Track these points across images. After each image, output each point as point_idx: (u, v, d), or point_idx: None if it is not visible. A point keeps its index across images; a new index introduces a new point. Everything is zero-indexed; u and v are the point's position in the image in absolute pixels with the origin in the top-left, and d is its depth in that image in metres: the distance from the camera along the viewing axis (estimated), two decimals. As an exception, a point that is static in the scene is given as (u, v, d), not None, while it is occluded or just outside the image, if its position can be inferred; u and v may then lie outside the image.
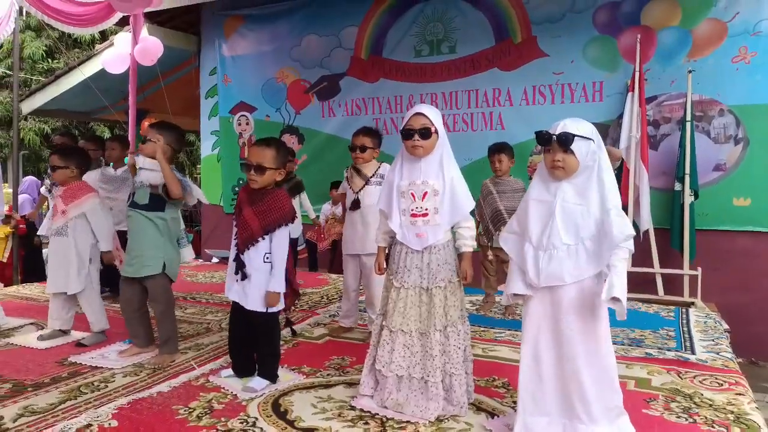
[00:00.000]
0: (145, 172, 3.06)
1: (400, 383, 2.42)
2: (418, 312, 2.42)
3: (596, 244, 2.04)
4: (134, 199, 3.08)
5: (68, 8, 5.74)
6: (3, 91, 12.43)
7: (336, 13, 6.74)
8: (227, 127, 7.55)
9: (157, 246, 3.06)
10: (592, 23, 5.53)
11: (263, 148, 2.68)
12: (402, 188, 2.48)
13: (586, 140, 2.05)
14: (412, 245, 2.45)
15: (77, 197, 3.41)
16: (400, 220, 2.49)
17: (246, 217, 2.68)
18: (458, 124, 6.15)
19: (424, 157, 2.46)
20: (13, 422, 2.31)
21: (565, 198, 2.08)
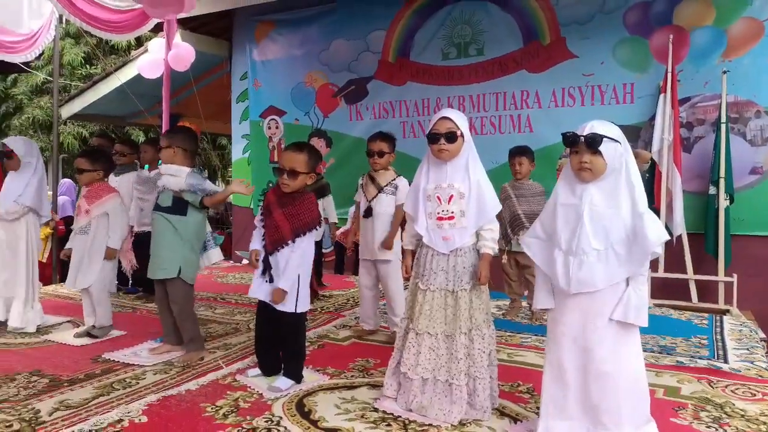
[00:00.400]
0: (166, 177, 3.15)
1: (425, 386, 2.43)
2: (444, 315, 2.43)
3: (627, 249, 2.01)
4: (158, 201, 3.18)
5: (105, 15, 5.92)
6: (44, 97, 12.88)
7: (364, 17, 6.80)
8: (257, 131, 7.67)
9: (173, 249, 3.13)
10: (623, 24, 5.44)
11: (296, 153, 2.73)
12: (428, 191, 2.49)
13: (613, 142, 2.02)
14: (439, 248, 2.46)
15: (100, 197, 3.55)
16: (426, 223, 2.49)
17: (276, 219, 2.73)
18: (486, 127, 6.13)
19: (450, 161, 2.47)
20: (49, 416, 2.40)
21: (593, 201, 2.05)
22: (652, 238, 1.96)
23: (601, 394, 2.06)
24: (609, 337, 2.05)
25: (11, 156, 3.85)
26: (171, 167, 3.15)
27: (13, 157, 3.85)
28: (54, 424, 2.32)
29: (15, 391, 2.67)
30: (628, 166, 2.05)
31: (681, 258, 5.01)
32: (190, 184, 3.09)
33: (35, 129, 12.73)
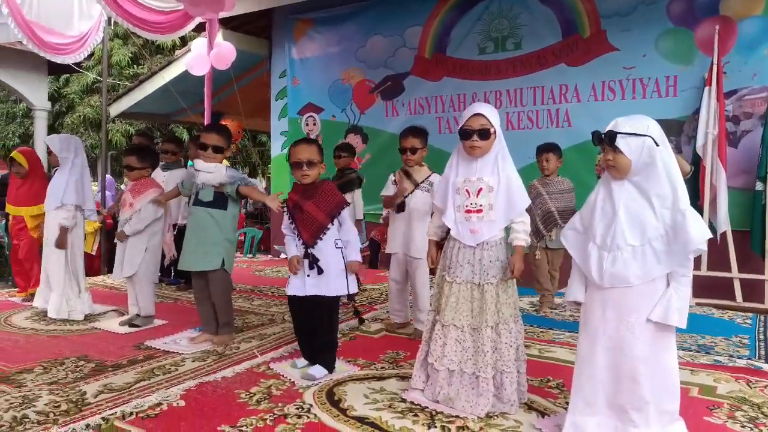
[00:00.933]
0: (203, 174, 3.27)
1: (452, 377, 2.45)
2: (470, 307, 2.44)
3: (666, 245, 1.98)
4: (198, 197, 3.29)
5: (150, 17, 6.12)
6: (94, 96, 13.41)
7: (401, 14, 6.81)
8: (296, 128, 7.80)
9: (217, 242, 3.27)
10: (666, 15, 5.29)
11: (309, 145, 2.91)
12: (457, 184, 2.51)
13: (637, 137, 1.99)
14: (466, 241, 2.47)
15: (143, 191, 3.71)
16: (454, 215, 2.51)
17: (309, 211, 2.82)
18: (523, 122, 6.06)
19: (482, 157, 2.48)
20: (94, 398, 2.54)
21: (629, 197, 2.03)
22: (695, 236, 1.92)
23: (631, 393, 2.04)
24: (643, 335, 2.02)
25: (50, 153, 4.08)
26: (208, 165, 3.26)
27: (52, 154, 4.05)
28: (99, 406, 2.45)
29: (64, 374, 2.83)
30: (666, 161, 2.01)
31: (725, 256, 4.84)
32: (231, 175, 3.26)
33: (86, 127, 13.27)
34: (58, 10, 6.12)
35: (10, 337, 3.50)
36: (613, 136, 2.01)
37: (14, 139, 14.64)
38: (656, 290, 2.02)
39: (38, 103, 11.15)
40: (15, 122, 15.03)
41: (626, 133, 2.00)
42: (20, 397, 2.53)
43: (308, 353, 2.97)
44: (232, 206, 3.34)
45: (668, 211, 1.98)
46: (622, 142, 1.99)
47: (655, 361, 2.03)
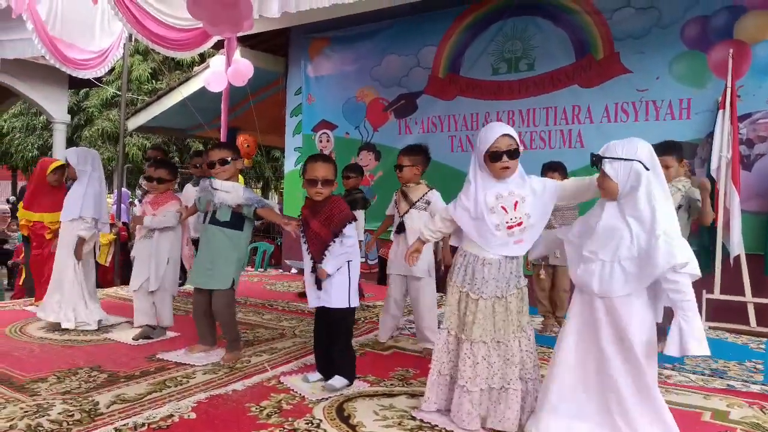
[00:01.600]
0: (221, 193, 3.28)
1: (481, 397, 2.43)
2: (493, 321, 2.43)
3: (637, 267, 2.05)
4: (216, 216, 3.30)
5: (170, 34, 6.25)
6: (113, 110, 13.67)
7: (415, 34, 6.91)
8: (309, 144, 7.88)
9: (230, 263, 3.29)
10: (680, 38, 5.32)
11: (326, 164, 2.91)
12: (490, 204, 2.44)
13: (624, 162, 2.06)
14: (514, 253, 2.44)
15: (165, 203, 3.77)
16: (496, 236, 2.43)
17: (314, 228, 2.89)
18: (535, 142, 6.09)
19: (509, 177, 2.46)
20: (106, 408, 2.57)
21: (610, 216, 2.14)
22: (659, 262, 1.98)
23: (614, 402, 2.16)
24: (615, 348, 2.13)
25: (68, 166, 4.17)
26: (225, 184, 3.29)
27: (69, 167, 4.14)
28: (111, 416, 2.48)
29: (77, 384, 2.86)
30: (650, 186, 2.08)
31: (739, 280, 4.80)
32: (248, 198, 3.28)
33: (104, 140, 13.49)
34: (80, 26, 6.27)
35: (25, 346, 3.55)
36: (597, 160, 2.10)
37: (33, 151, 14.92)
38: (637, 309, 2.10)
39: (58, 116, 11.38)
40: (34, 134, 15.32)
41: (612, 158, 2.09)
42: (34, 405, 2.57)
43: (323, 367, 2.99)
44: (248, 227, 3.37)
45: (644, 233, 2.05)
46: (609, 166, 2.09)
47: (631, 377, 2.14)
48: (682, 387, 3.05)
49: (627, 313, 2.11)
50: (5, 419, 2.40)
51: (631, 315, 2.11)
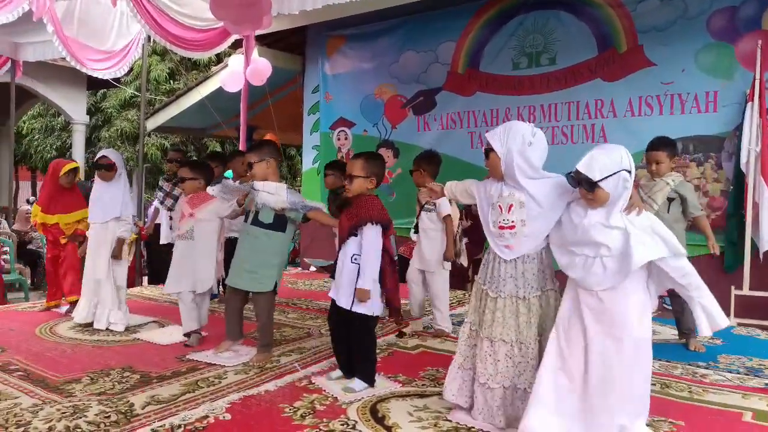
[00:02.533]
0: (263, 194, 3.22)
1: (505, 394, 2.41)
2: (516, 322, 2.41)
3: (617, 264, 2.14)
4: (258, 218, 3.28)
5: (188, 35, 6.28)
6: (131, 110, 13.75)
7: (434, 30, 6.86)
8: (327, 142, 7.87)
9: (272, 265, 3.29)
10: (706, 29, 5.22)
11: (354, 159, 2.94)
12: (492, 200, 2.50)
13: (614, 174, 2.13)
14: (503, 255, 2.44)
15: (204, 201, 3.72)
16: (490, 230, 2.49)
17: (341, 221, 2.96)
18: (557, 137, 6.02)
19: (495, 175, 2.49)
20: (142, 409, 2.58)
21: (592, 215, 2.21)
22: (636, 260, 2.09)
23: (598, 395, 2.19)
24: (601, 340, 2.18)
25: (112, 168, 4.09)
26: (269, 185, 3.24)
27: (112, 169, 4.10)
28: (147, 417, 2.49)
29: (110, 385, 2.88)
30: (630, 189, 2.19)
31: (769, 275, 4.72)
32: (293, 201, 3.22)
33: (122, 140, 13.59)
34: (99, 27, 6.32)
35: (56, 347, 3.59)
36: (592, 183, 2.15)
37: (52, 152, 15.06)
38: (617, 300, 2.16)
39: (77, 116, 11.51)
40: (53, 135, 15.47)
41: (607, 177, 2.13)
42: (71, 406, 2.59)
43: (343, 364, 2.99)
44: (291, 229, 3.35)
45: (623, 232, 2.14)
46: (604, 183, 2.14)
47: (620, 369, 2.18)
48: (719, 386, 3.00)
49: (613, 306, 2.17)
50: (44, 420, 2.42)
51: (618, 308, 2.17)
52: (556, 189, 2.36)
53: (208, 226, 3.69)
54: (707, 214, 5.23)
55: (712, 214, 5.21)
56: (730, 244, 5.05)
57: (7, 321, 4.27)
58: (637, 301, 2.17)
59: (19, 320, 4.31)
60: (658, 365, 3.33)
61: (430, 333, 4.06)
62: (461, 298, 5.42)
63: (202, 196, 3.76)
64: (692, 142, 5.30)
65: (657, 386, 2.97)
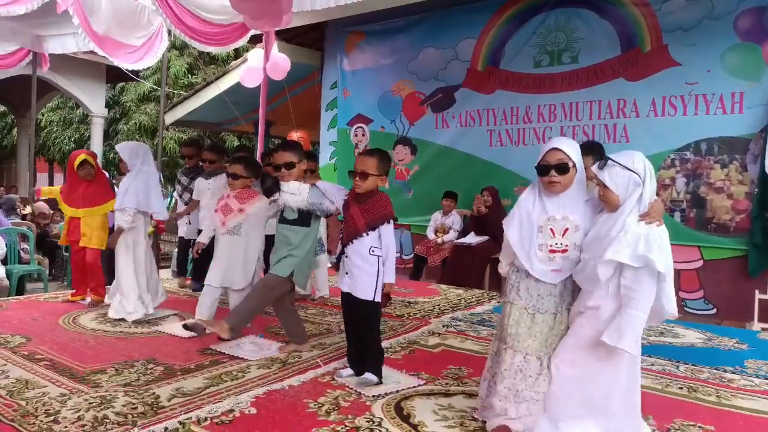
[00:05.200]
0: (286, 195, 3.27)
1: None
2: (548, 335, 2.35)
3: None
4: (284, 215, 3.33)
5: (208, 29, 6.29)
6: (149, 104, 13.86)
7: (454, 26, 6.83)
8: (345, 138, 7.87)
9: (293, 256, 3.29)
10: (733, 29, 5.15)
11: (367, 157, 2.94)
12: (540, 222, 2.37)
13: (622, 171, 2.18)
14: (547, 279, 2.36)
15: (253, 197, 3.73)
16: (537, 254, 2.36)
17: (353, 214, 2.94)
18: (578, 136, 5.96)
19: (563, 193, 2.37)
20: (168, 401, 2.59)
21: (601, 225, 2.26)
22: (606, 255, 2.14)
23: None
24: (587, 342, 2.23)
25: (121, 161, 4.24)
26: (291, 185, 3.26)
27: (122, 162, 4.22)
28: (173, 409, 2.50)
29: (135, 377, 2.90)
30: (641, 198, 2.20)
31: (794, 280, 4.65)
32: (312, 203, 3.23)
33: (141, 134, 13.70)
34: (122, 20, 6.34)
35: (80, 338, 3.62)
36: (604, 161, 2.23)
37: (70, 144, 15.22)
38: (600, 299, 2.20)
39: (96, 109, 11.61)
40: (71, 128, 15.63)
41: (616, 162, 2.19)
42: (98, 397, 2.60)
43: (355, 360, 2.99)
44: (315, 223, 3.37)
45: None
46: (607, 177, 2.21)
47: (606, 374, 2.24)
48: (748, 392, 2.96)
49: (594, 306, 2.21)
50: (72, 410, 2.44)
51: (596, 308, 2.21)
52: (592, 208, 2.36)
53: (256, 223, 3.72)
54: (731, 216, 5.19)
55: (736, 216, 5.15)
56: (754, 248, 4.98)
57: (31, 311, 4.32)
58: (618, 305, 2.17)
59: (42, 310, 4.35)
60: (684, 369, 3.30)
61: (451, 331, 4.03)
62: (480, 297, 5.39)
63: (250, 192, 3.77)
64: (717, 144, 5.24)
65: (684, 390, 2.95)
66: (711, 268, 5.22)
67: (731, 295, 5.04)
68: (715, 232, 5.24)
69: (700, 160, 5.33)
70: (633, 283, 2.12)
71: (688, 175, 5.37)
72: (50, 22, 6.42)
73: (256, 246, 3.73)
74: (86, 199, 4.50)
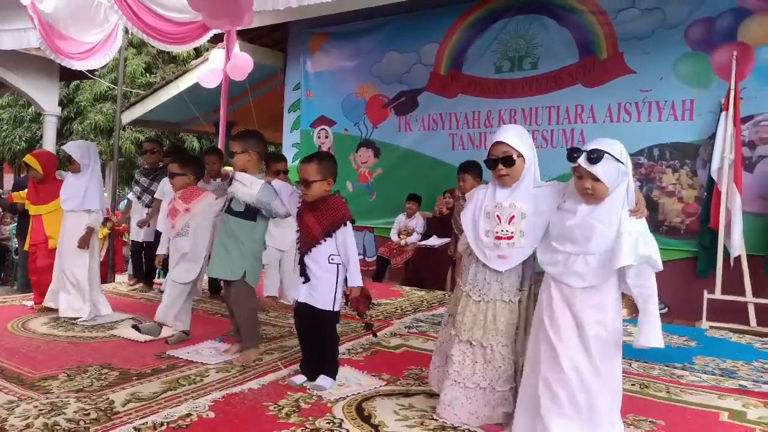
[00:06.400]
0: (236, 184, 3.17)
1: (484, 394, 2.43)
2: (495, 325, 2.42)
3: (599, 263, 2.14)
4: (230, 205, 3.26)
5: (167, 27, 6.15)
6: (105, 103, 13.47)
7: (417, 30, 6.89)
8: (308, 140, 7.83)
9: (243, 254, 3.22)
10: (684, 39, 5.36)
11: (306, 164, 2.87)
12: (488, 209, 2.44)
13: (614, 163, 2.11)
14: (494, 266, 2.42)
15: (197, 195, 3.62)
16: (483, 240, 2.44)
17: (307, 222, 2.89)
18: (537, 141, 6.09)
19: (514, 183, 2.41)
20: (122, 406, 2.52)
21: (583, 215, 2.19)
22: (620, 259, 2.09)
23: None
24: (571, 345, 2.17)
25: (72, 161, 4.12)
26: (245, 177, 3.17)
27: (73, 162, 4.11)
28: (128, 415, 2.43)
29: (89, 382, 2.81)
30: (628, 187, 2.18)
31: (739, 280, 4.85)
32: (260, 200, 3.13)
33: (96, 134, 13.30)
34: (77, 17, 6.15)
35: (30, 343, 3.48)
36: (597, 156, 2.10)
37: (21, 144, 14.66)
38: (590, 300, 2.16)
39: (48, 108, 11.16)
40: (22, 126, 15.06)
41: (611, 156, 2.10)
42: (48, 403, 2.51)
43: (310, 367, 2.94)
44: (261, 220, 3.28)
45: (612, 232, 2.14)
46: (601, 169, 2.09)
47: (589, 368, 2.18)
48: (696, 387, 3.08)
49: (587, 306, 2.17)
50: (21, 418, 2.35)
51: (590, 308, 2.16)
52: (552, 196, 2.35)
53: (203, 221, 3.61)
54: (681, 219, 5.39)
55: (686, 219, 5.36)
56: (702, 249, 5.19)
57: (-23, 316, 4.14)
58: (612, 300, 2.18)
59: (-11, 315, 4.17)
60: (636, 366, 3.40)
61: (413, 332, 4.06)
62: (441, 298, 5.44)
63: (194, 190, 3.68)
64: (668, 149, 5.44)
65: (636, 386, 3.04)
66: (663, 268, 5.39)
67: (682, 295, 5.23)
68: (666, 234, 5.42)
69: (653, 164, 5.52)
70: (643, 280, 2.13)
71: (641, 179, 5.55)
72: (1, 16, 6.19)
73: (203, 243, 3.58)
74: (44, 195, 4.39)
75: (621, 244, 2.10)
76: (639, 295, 2.13)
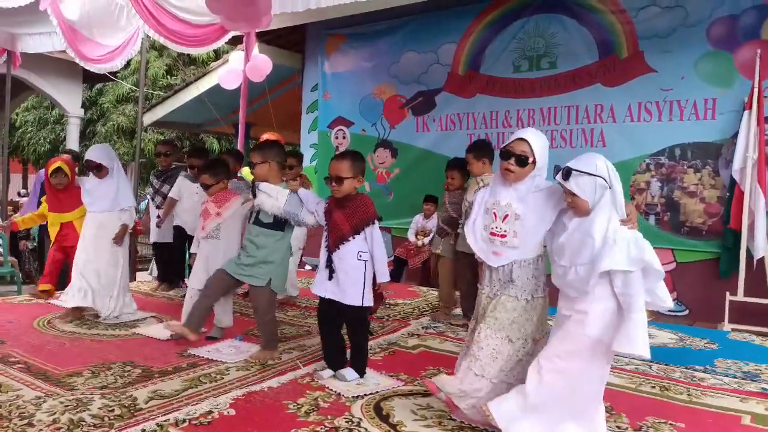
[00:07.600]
0: (262, 196, 3.20)
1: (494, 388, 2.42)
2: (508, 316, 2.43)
3: (586, 272, 2.19)
4: (258, 217, 3.29)
5: (185, 30, 6.23)
6: (128, 105, 13.69)
7: (435, 31, 6.88)
8: (325, 141, 7.87)
9: (269, 263, 3.26)
10: (706, 37, 5.27)
11: (339, 161, 2.94)
12: (487, 204, 2.49)
13: (587, 177, 2.18)
14: (490, 262, 2.46)
15: (229, 200, 3.70)
16: (481, 234, 2.50)
17: (336, 219, 2.93)
18: (556, 141, 6.06)
19: (515, 183, 2.43)
20: (145, 403, 2.57)
21: (574, 229, 2.26)
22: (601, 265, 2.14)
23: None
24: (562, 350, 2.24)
25: (100, 168, 4.14)
26: (270, 187, 3.20)
27: (102, 169, 4.15)
28: (150, 412, 2.48)
29: (113, 379, 2.87)
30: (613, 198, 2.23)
31: (763, 282, 4.77)
32: (287, 212, 3.16)
33: (118, 135, 13.53)
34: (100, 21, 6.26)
35: (55, 340, 3.56)
36: (568, 172, 2.21)
37: (45, 145, 14.97)
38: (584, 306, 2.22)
39: (72, 110, 11.41)
40: (46, 128, 15.36)
41: (580, 171, 2.18)
42: (74, 400, 2.57)
43: (335, 362, 3.00)
44: (290, 229, 3.33)
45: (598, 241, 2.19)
46: (573, 184, 2.19)
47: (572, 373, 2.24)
48: (717, 389, 3.04)
49: (575, 309, 2.24)
50: (47, 413, 2.41)
51: (577, 311, 2.23)
52: (550, 198, 2.38)
53: (233, 225, 3.68)
54: (703, 220, 5.32)
55: (708, 220, 5.28)
56: (725, 250, 5.11)
57: (5, 314, 4.24)
58: (604, 308, 2.19)
59: (16, 313, 4.27)
60: (656, 368, 3.37)
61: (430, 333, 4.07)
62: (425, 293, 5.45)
63: (225, 194, 3.74)
64: (690, 149, 5.36)
65: (656, 389, 3.01)
66: (684, 270, 5.34)
67: (703, 297, 5.15)
68: (688, 235, 5.35)
69: (674, 164, 5.45)
70: (627, 287, 2.13)
71: (662, 179, 5.48)
72: (26, 20, 6.32)
73: (235, 247, 3.64)
74: (70, 201, 4.42)
75: (605, 251, 2.14)
76: (623, 303, 2.16)
